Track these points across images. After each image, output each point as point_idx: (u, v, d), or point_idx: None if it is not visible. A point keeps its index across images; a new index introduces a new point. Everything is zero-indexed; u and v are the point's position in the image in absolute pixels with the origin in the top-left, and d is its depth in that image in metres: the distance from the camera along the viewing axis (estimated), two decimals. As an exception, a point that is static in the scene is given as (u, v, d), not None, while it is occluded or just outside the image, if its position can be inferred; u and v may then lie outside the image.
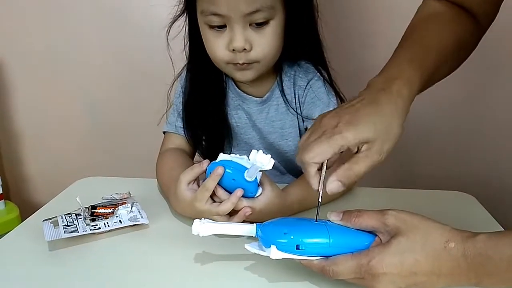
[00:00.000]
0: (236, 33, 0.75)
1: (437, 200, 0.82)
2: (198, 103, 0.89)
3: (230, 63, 0.79)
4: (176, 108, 0.92)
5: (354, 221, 0.52)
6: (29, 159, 1.62)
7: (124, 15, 1.40)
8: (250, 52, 0.77)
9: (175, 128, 0.91)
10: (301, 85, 0.88)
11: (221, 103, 0.90)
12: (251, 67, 0.79)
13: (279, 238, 0.51)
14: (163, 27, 0.86)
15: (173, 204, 0.74)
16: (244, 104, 0.91)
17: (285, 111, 0.90)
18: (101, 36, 1.44)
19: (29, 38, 1.46)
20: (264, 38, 0.77)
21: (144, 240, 0.66)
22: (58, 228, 0.65)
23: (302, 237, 0.51)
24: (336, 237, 0.51)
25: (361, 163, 0.52)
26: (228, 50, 0.77)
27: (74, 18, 1.43)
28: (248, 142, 0.93)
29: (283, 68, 0.89)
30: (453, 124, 1.34)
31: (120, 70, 1.46)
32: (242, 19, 0.74)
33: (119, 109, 1.50)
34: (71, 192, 0.85)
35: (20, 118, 1.57)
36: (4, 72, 1.51)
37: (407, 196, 0.83)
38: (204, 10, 0.76)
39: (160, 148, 0.92)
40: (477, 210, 0.78)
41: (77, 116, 1.53)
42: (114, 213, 0.69)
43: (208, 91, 0.89)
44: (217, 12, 0.74)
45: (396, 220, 0.49)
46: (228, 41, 0.76)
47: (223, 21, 0.75)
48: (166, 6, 0.86)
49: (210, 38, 0.78)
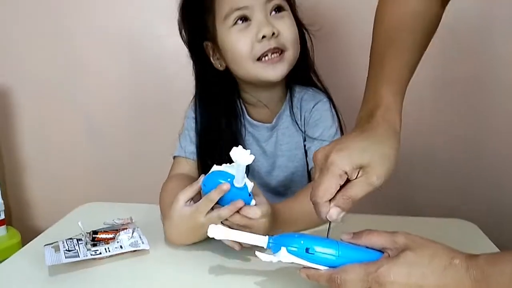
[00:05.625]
0: (262, 21, 0.81)
1: (439, 228, 0.82)
2: (213, 133, 0.90)
3: (260, 60, 0.82)
4: (188, 134, 0.93)
5: (364, 238, 0.54)
6: (32, 184, 1.62)
7: (131, 43, 1.43)
8: (278, 36, 0.82)
9: (185, 153, 0.92)
10: (307, 108, 0.91)
11: (237, 134, 0.91)
12: (282, 58, 0.83)
13: (290, 241, 0.53)
14: (170, 57, 0.89)
15: (167, 231, 0.72)
16: (255, 131, 0.93)
17: (291, 134, 0.92)
18: (107, 64, 1.46)
19: (36, 66, 1.48)
20: (286, 24, 0.83)
21: (145, 266, 0.66)
22: (59, 253, 0.65)
23: (312, 243, 0.52)
24: (344, 249, 0.53)
25: (357, 187, 0.53)
26: (257, 42, 0.81)
27: (81, 45, 1.45)
28: (256, 169, 0.94)
29: (292, 91, 0.92)
30: (454, 151, 1.34)
31: (125, 97, 1.47)
32: (263, 7, 0.81)
33: (123, 137, 1.51)
34: (73, 217, 0.85)
35: (25, 144, 1.58)
36: (10, 98, 1.53)
37: (409, 223, 0.82)
38: (227, 12, 0.82)
39: (169, 172, 0.93)
40: (479, 238, 0.77)
41: (81, 143, 1.54)
42: (115, 238, 0.70)
43: (224, 121, 0.90)
44: (240, 6, 0.81)
45: (406, 239, 0.51)
46: (255, 32, 0.81)
47: (247, 13, 0.81)
48: (174, 35, 0.89)
49: (237, 37, 0.82)
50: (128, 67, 1.45)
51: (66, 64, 1.47)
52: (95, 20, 1.43)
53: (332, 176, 0.53)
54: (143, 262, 0.67)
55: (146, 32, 1.41)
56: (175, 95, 0.96)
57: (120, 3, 1.41)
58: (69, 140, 1.55)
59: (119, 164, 1.53)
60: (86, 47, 1.46)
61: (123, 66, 1.45)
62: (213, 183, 0.66)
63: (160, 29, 1.34)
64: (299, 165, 0.93)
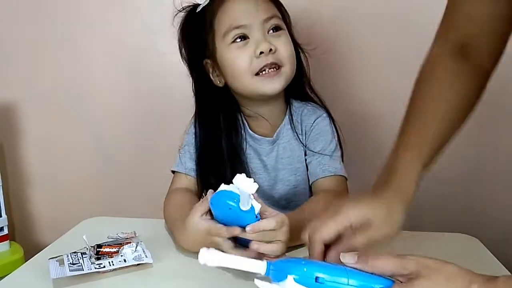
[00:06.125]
0: (259, 38, 0.84)
1: (441, 242, 0.82)
2: (213, 148, 0.91)
3: (257, 74, 0.85)
4: (187, 149, 0.94)
5: (371, 264, 0.50)
6: (36, 200, 1.62)
7: (135, 57, 1.44)
8: (276, 53, 0.85)
9: (184, 169, 0.92)
10: (308, 123, 0.93)
11: (238, 148, 0.92)
12: (279, 73, 0.85)
13: (297, 269, 0.49)
14: (172, 70, 0.91)
15: (181, 238, 0.74)
16: (256, 145, 0.94)
17: (292, 147, 0.93)
18: (111, 79, 1.47)
19: (41, 80, 1.49)
20: (282, 41, 0.86)
21: (148, 280, 0.66)
22: (64, 266, 0.65)
23: (321, 270, 0.49)
24: (354, 275, 0.50)
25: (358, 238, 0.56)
26: (255, 57, 0.84)
27: (85, 62, 1.47)
28: (258, 182, 0.93)
29: (292, 106, 0.95)
30: (456, 165, 1.34)
31: (130, 112, 1.48)
32: (261, 26, 0.84)
33: (127, 151, 1.52)
34: (77, 231, 0.85)
35: (28, 159, 1.58)
36: (15, 113, 1.54)
37: (410, 238, 0.82)
38: (227, 30, 0.85)
39: (169, 187, 0.93)
40: (481, 252, 0.77)
41: (85, 157, 1.55)
42: (119, 252, 0.70)
43: (224, 134, 0.91)
44: (239, 25, 0.84)
45: (417, 264, 0.48)
46: (253, 49, 0.84)
47: (245, 32, 0.84)
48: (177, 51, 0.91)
49: (236, 53, 0.85)
50: (133, 80, 1.46)
51: (71, 78, 1.48)
52: (101, 37, 1.45)
53: (338, 223, 0.57)
54: (146, 275, 0.67)
55: (151, 47, 1.42)
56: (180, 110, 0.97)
57: (124, 17, 1.43)
58: (74, 154, 1.55)
59: (124, 178, 1.53)
60: (91, 61, 1.47)
61: (129, 81, 1.46)
62: (220, 203, 0.66)
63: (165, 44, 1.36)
64: (301, 179, 0.94)
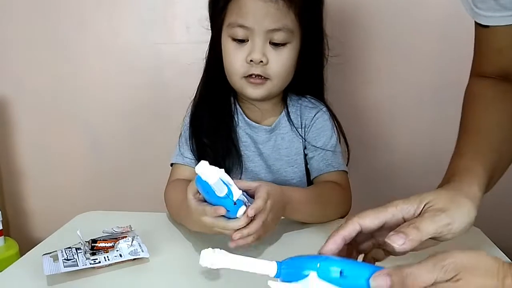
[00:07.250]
0: (256, 46, 0.82)
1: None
2: (207, 130, 0.91)
3: (244, 77, 0.84)
4: (184, 141, 0.93)
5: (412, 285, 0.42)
6: (30, 195, 1.61)
7: (128, 52, 1.43)
8: (266, 66, 0.83)
9: (183, 160, 0.92)
10: (308, 116, 0.93)
11: (231, 131, 0.92)
12: (264, 84, 0.85)
13: (316, 264, 0.43)
14: (166, 64, 0.89)
15: (188, 223, 0.73)
16: (252, 132, 0.93)
17: (291, 139, 0.93)
18: (105, 73, 1.46)
19: (34, 76, 1.49)
20: (280, 57, 0.83)
21: (145, 274, 0.65)
22: (58, 262, 0.64)
23: (344, 265, 0.44)
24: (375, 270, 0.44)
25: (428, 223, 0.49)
26: (246, 62, 0.83)
27: (78, 56, 1.46)
28: (254, 170, 0.94)
29: (289, 99, 0.94)
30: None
31: (123, 106, 1.48)
32: (264, 35, 0.81)
33: (121, 146, 1.51)
34: (71, 226, 0.84)
35: (22, 154, 1.57)
36: (9, 108, 1.53)
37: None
38: (232, 23, 0.83)
39: (168, 179, 0.93)
40: (483, 241, 0.77)
41: (79, 152, 1.54)
42: (115, 247, 0.69)
43: (217, 119, 0.91)
44: (243, 24, 0.81)
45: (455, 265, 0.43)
46: (247, 53, 0.83)
47: (247, 34, 0.82)
48: (170, 44, 0.89)
49: (231, 51, 0.84)
50: (127, 75, 1.45)
51: (65, 73, 1.48)
52: (94, 31, 1.44)
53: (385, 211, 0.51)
54: (142, 270, 0.66)
55: (144, 40, 1.41)
56: (175, 104, 0.96)
57: (118, 12, 1.42)
58: (67, 149, 1.54)
59: (118, 173, 1.53)
60: (84, 57, 1.46)
61: (123, 75, 1.46)
62: (199, 186, 0.65)
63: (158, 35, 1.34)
64: (298, 171, 0.93)
